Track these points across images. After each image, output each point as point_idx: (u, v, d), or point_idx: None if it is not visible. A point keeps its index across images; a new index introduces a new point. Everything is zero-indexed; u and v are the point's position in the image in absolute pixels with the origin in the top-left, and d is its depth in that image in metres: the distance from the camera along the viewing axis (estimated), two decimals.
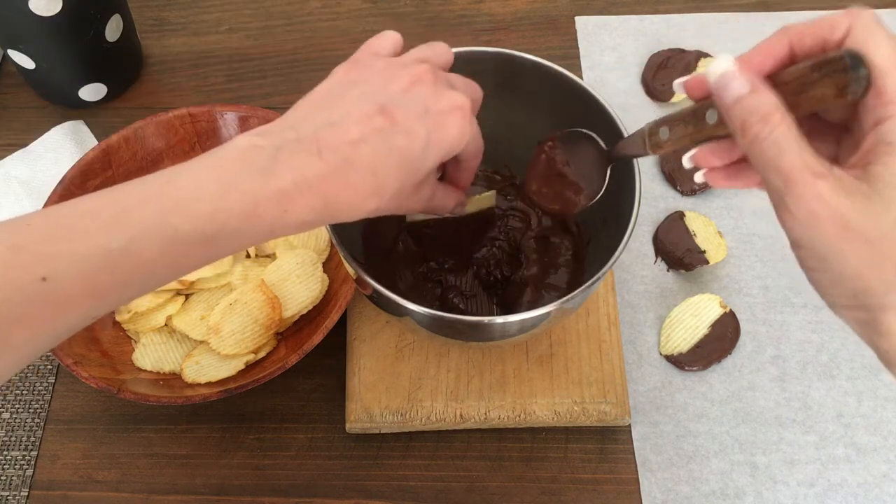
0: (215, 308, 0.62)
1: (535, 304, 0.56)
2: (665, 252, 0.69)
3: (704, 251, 0.67)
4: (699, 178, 0.41)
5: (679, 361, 0.64)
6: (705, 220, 0.69)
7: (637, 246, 0.70)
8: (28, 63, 0.71)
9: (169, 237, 0.35)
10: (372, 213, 0.39)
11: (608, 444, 0.61)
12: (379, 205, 0.39)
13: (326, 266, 0.66)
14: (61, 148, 0.73)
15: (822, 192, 0.33)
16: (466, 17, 0.84)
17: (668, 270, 0.68)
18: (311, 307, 0.63)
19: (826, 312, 0.37)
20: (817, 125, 0.39)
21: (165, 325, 0.63)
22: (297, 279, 0.63)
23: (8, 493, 0.60)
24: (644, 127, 0.43)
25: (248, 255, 0.66)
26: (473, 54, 0.54)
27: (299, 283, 0.63)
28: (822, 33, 0.36)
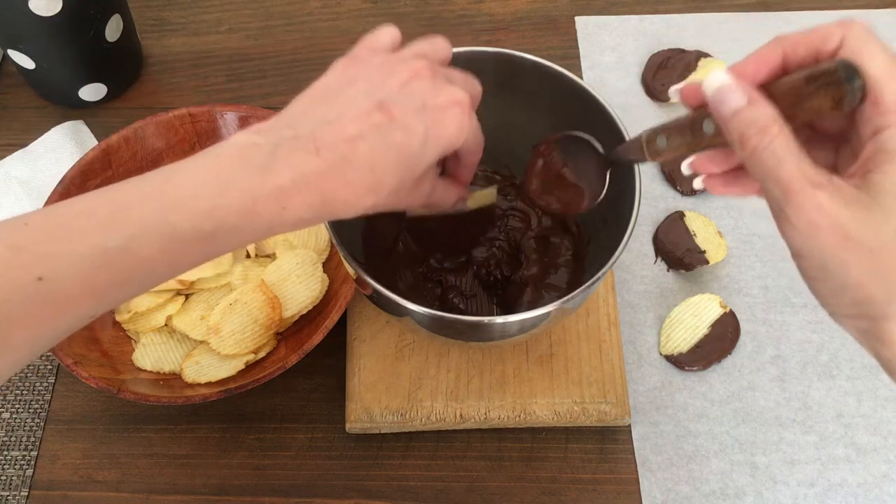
0: (215, 308, 0.62)
1: (535, 304, 0.56)
2: (665, 252, 0.69)
3: (704, 251, 0.67)
4: (698, 185, 0.41)
5: (679, 361, 0.64)
6: (705, 220, 0.69)
7: (637, 246, 0.70)
8: (28, 63, 0.71)
9: (167, 235, 0.35)
10: (370, 210, 0.39)
11: (608, 444, 0.61)
12: (377, 201, 0.39)
13: (326, 266, 0.66)
14: (61, 148, 0.73)
15: (821, 202, 0.33)
16: (466, 17, 0.84)
17: (668, 270, 0.68)
18: (311, 307, 0.63)
19: (826, 313, 0.37)
20: (815, 135, 0.39)
21: (165, 325, 0.63)
22: (297, 279, 0.63)
23: (8, 493, 0.60)
24: (641, 134, 0.43)
25: (248, 255, 0.66)
26: (473, 54, 0.54)
27: (299, 283, 0.63)
28: (815, 43, 0.36)
